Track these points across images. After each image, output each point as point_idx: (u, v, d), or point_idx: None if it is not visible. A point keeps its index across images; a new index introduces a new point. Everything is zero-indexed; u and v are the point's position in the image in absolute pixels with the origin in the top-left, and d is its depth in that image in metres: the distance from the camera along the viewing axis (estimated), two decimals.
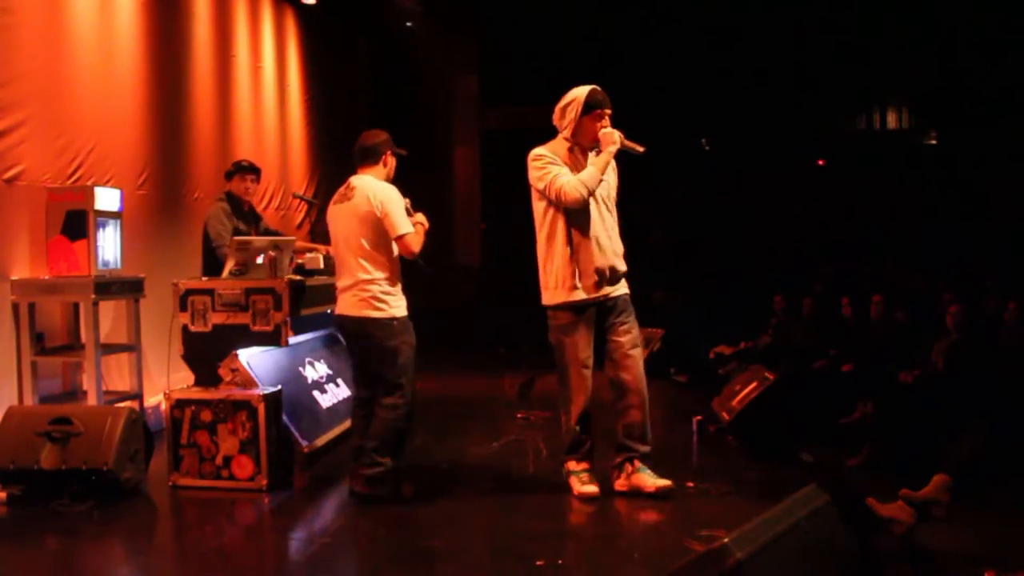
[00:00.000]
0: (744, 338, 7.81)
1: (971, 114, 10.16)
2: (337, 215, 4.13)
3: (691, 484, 4.32)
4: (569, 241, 4.05)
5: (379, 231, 3.99)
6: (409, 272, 4.22)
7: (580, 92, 4.11)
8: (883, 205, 10.62)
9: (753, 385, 5.32)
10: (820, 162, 11.76)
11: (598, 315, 4.14)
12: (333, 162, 9.33)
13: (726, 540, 2.17)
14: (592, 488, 4.09)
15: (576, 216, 4.04)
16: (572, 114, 4.09)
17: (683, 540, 3.44)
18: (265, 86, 7.77)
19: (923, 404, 4.82)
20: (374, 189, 4.03)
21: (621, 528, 3.70)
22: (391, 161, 4.25)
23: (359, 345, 4.13)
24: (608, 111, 4.11)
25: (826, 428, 5.35)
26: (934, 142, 11.39)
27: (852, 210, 10.78)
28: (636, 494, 4.07)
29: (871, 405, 5.30)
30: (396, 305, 4.06)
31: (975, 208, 9.93)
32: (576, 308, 4.09)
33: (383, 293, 4.02)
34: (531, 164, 4.10)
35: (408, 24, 10.09)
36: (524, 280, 5.75)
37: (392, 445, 4.07)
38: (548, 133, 4.37)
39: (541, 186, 4.05)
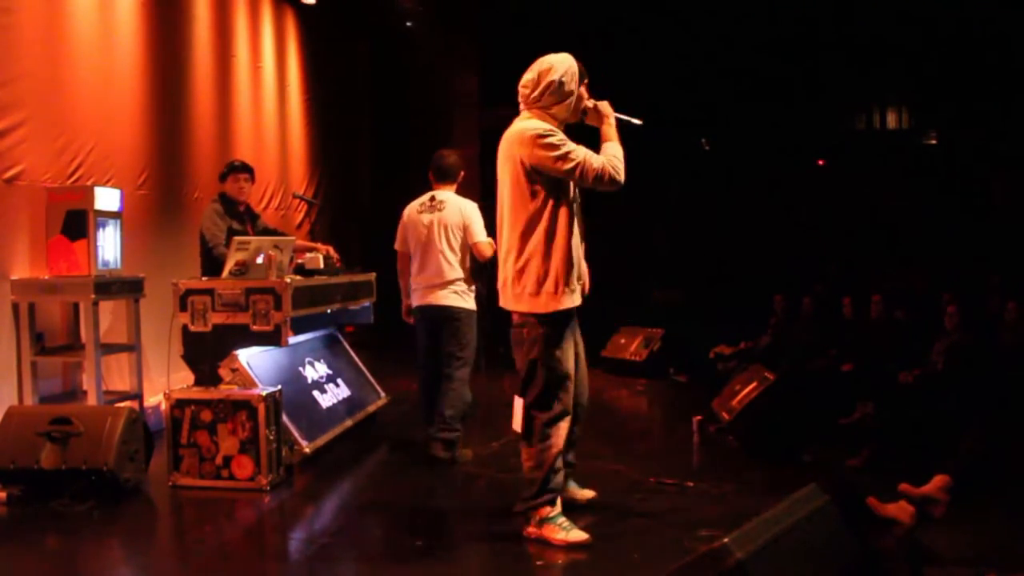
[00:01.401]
0: (744, 338, 7.82)
1: (971, 114, 10.16)
2: (421, 223, 4.81)
3: (691, 484, 4.32)
4: (570, 237, 3.47)
5: (462, 238, 4.78)
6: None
7: (568, 59, 3.52)
8: (883, 205, 10.62)
9: (753, 385, 5.32)
10: (820, 162, 11.76)
11: None
12: (333, 162, 9.35)
13: (726, 540, 2.17)
14: (581, 534, 3.48)
15: (575, 209, 3.55)
16: (573, 84, 3.49)
17: (683, 540, 3.44)
18: (265, 86, 7.77)
19: (923, 404, 4.82)
20: (461, 203, 4.85)
21: (621, 528, 3.69)
22: (460, 176, 4.99)
23: (442, 329, 4.78)
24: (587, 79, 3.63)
25: (826, 428, 5.35)
26: (934, 142, 11.39)
27: (853, 210, 10.77)
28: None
29: (871, 405, 5.31)
30: (470, 300, 4.84)
31: (975, 208, 9.93)
32: (570, 316, 3.54)
33: (464, 290, 4.80)
34: (541, 143, 3.38)
35: (408, 24, 10.09)
36: None
37: (461, 414, 4.78)
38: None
39: (570, 166, 3.36)
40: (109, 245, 5.03)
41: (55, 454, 4.02)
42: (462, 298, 4.79)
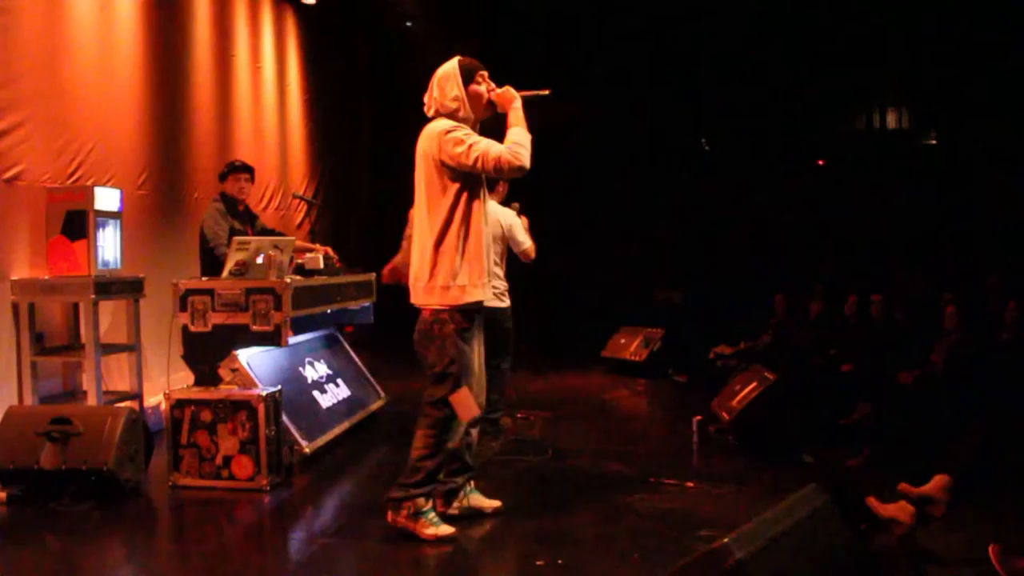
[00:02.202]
0: (744, 338, 7.81)
1: (971, 114, 10.16)
2: None
3: (691, 484, 4.32)
4: (482, 232, 3.54)
5: (505, 246, 5.28)
6: None
7: (447, 65, 3.62)
8: (883, 205, 10.61)
9: (753, 385, 5.33)
10: (820, 162, 11.76)
11: None
12: (333, 162, 9.35)
13: (726, 540, 2.17)
14: (449, 528, 3.56)
15: (483, 202, 3.61)
16: (455, 89, 3.56)
17: (683, 540, 3.45)
18: (265, 86, 7.77)
19: (923, 404, 4.82)
20: (503, 214, 5.29)
21: (621, 528, 3.69)
22: (503, 188, 5.38)
23: (493, 327, 4.71)
24: (485, 71, 3.67)
25: (826, 428, 5.35)
26: (934, 142, 11.39)
27: (852, 210, 10.77)
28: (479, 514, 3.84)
29: (871, 405, 5.31)
30: (507, 300, 5.34)
31: (975, 208, 9.93)
32: (478, 310, 3.59)
33: (503, 291, 5.26)
34: (447, 138, 3.47)
35: (408, 24, 10.09)
36: (523, 279, 5.77)
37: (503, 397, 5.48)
38: (548, 133, 4.31)
39: (472, 155, 3.43)
40: (109, 245, 5.03)
41: (55, 454, 4.02)
42: (502, 300, 5.28)
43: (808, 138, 11.30)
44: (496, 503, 3.92)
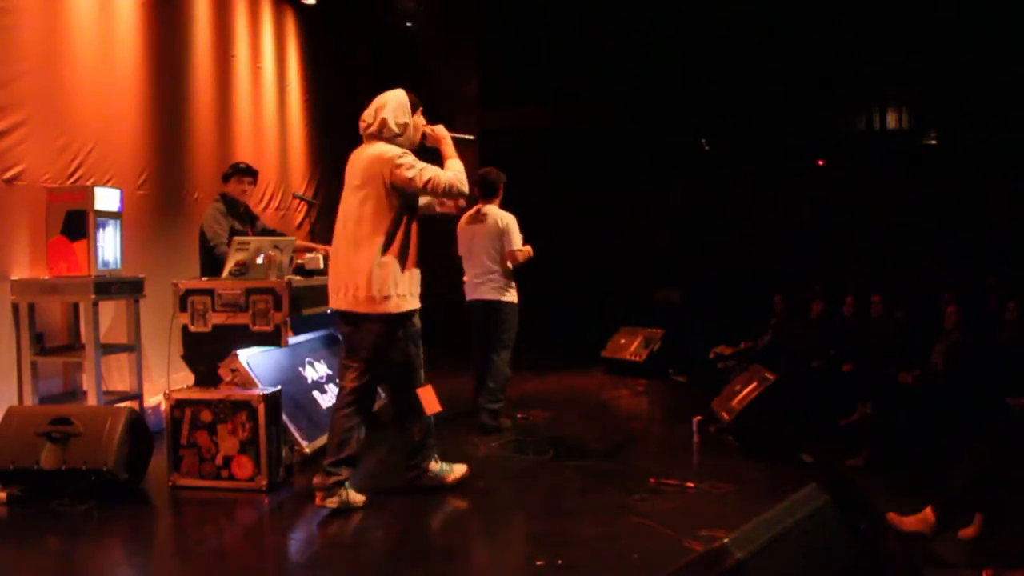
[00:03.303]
0: (744, 338, 7.82)
1: (971, 114, 10.16)
2: (470, 232, 5.69)
3: (691, 484, 4.32)
4: (416, 244, 4.01)
5: (501, 246, 5.59)
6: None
7: (397, 94, 4.07)
8: (883, 205, 10.61)
9: (753, 385, 5.33)
10: (820, 162, 11.76)
11: None
12: (333, 162, 9.34)
13: (726, 540, 2.17)
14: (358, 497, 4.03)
15: (417, 220, 4.06)
16: (404, 117, 4.03)
17: (683, 540, 3.45)
18: (265, 86, 7.77)
19: (923, 404, 4.82)
20: (501, 214, 5.65)
21: (621, 528, 3.69)
22: (501, 192, 5.74)
23: (487, 318, 5.63)
24: (421, 107, 4.17)
25: (826, 428, 5.35)
26: (934, 142, 11.39)
27: (852, 210, 10.77)
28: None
29: (871, 405, 5.31)
30: (510, 294, 5.65)
31: (975, 208, 9.93)
32: (415, 316, 4.07)
33: (502, 286, 5.61)
34: (399, 162, 3.87)
35: (408, 24, 10.09)
36: (521, 279, 5.77)
37: (502, 386, 5.66)
38: (548, 133, 4.40)
39: (423, 179, 3.87)
40: (109, 245, 5.04)
41: (55, 454, 4.02)
42: (501, 292, 5.61)
43: (808, 138, 11.30)
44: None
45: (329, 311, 5.31)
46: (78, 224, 4.82)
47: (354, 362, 4.03)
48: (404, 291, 3.93)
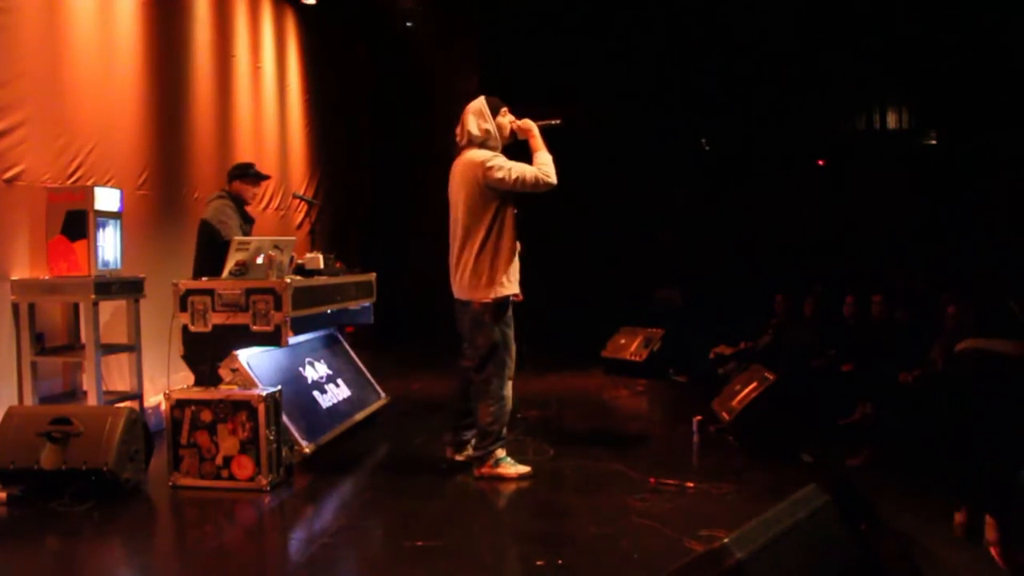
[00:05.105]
0: (744, 338, 7.81)
1: (971, 114, 10.16)
2: None
3: (691, 484, 4.32)
4: (515, 239, 4.42)
5: None
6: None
7: (475, 102, 4.47)
8: (883, 205, 10.61)
9: (753, 385, 5.33)
10: (820, 162, 11.76)
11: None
12: (333, 162, 9.35)
13: (726, 540, 2.17)
14: (525, 467, 4.53)
15: (514, 214, 4.44)
16: (486, 123, 4.43)
17: (683, 540, 3.45)
18: (265, 86, 7.77)
19: (923, 404, 4.82)
20: None
21: (621, 528, 3.69)
22: None
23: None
24: (507, 107, 4.54)
25: (826, 428, 5.35)
26: (934, 142, 11.39)
27: (852, 210, 10.77)
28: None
29: (871, 405, 5.30)
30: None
31: (975, 208, 9.93)
32: (510, 303, 4.49)
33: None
34: (489, 165, 4.31)
35: (408, 24, 10.09)
36: (521, 279, 5.77)
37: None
38: (547, 133, 4.48)
39: (512, 178, 4.30)
40: (109, 245, 5.04)
41: (55, 454, 4.02)
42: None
43: (808, 138, 11.30)
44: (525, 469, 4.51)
45: (329, 311, 5.37)
46: (78, 224, 4.82)
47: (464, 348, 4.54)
48: (502, 279, 4.35)
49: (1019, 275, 7.06)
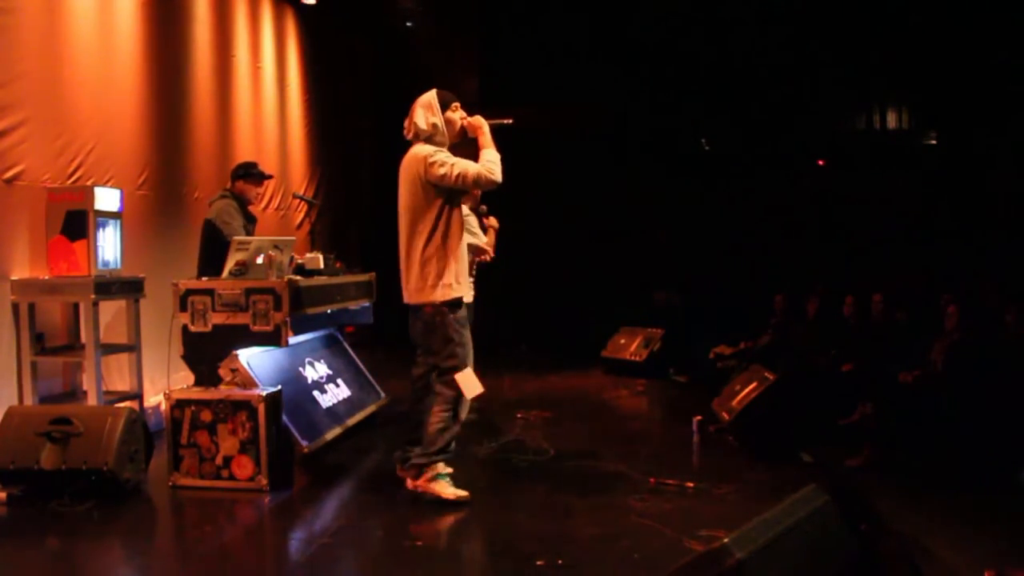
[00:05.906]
0: (744, 338, 7.81)
1: (971, 114, 10.15)
2: None
3: (691, 484, 4.32)
4: (460, 238, 4.16)
5: None
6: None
7: (425, 96, 4.20)
8: (883, 205, 10.60)
9: (753, 385, 5.32)
10: (820, 162, 11.75)
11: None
12: (333, 162, 9.35)
13: (726, 540, 2.17)
14: (464, 492, 4.11)
15: (460, 212, 4.21)
16: (434, 116, 4.16)
17: (683, 540, 3.45)
18: (265, 86, 7.77)
19: (923, 404, 4.82)
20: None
21: (621, 528, 3.69)
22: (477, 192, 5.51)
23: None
24: (458, 102, 4.29)
25: (826, 428, 5.35)
26: (934, 142, 11.38)
27: (852, 210, 10.76)
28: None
29: (871, 405, 5.30)
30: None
31: (975, 208, 9.92)
32: (463, 304, 4.21)
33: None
34: (431, 161, 4.04)
35: (408, 24, 10.08)
36: (521, 279, 5.77)
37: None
38: (547, 132, 4.44)
39: (454, 174, 4.02)
40: (109, 245, 5.04)
41: (55, 454, 4.02)
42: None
43: (808, 138, 11.29)
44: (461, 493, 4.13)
45: (329, 311, 5.36)
46: (78, 224, 4.82)
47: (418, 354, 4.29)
48: (450, 280, 4.06)
49: (1019, 275, 7.06)
